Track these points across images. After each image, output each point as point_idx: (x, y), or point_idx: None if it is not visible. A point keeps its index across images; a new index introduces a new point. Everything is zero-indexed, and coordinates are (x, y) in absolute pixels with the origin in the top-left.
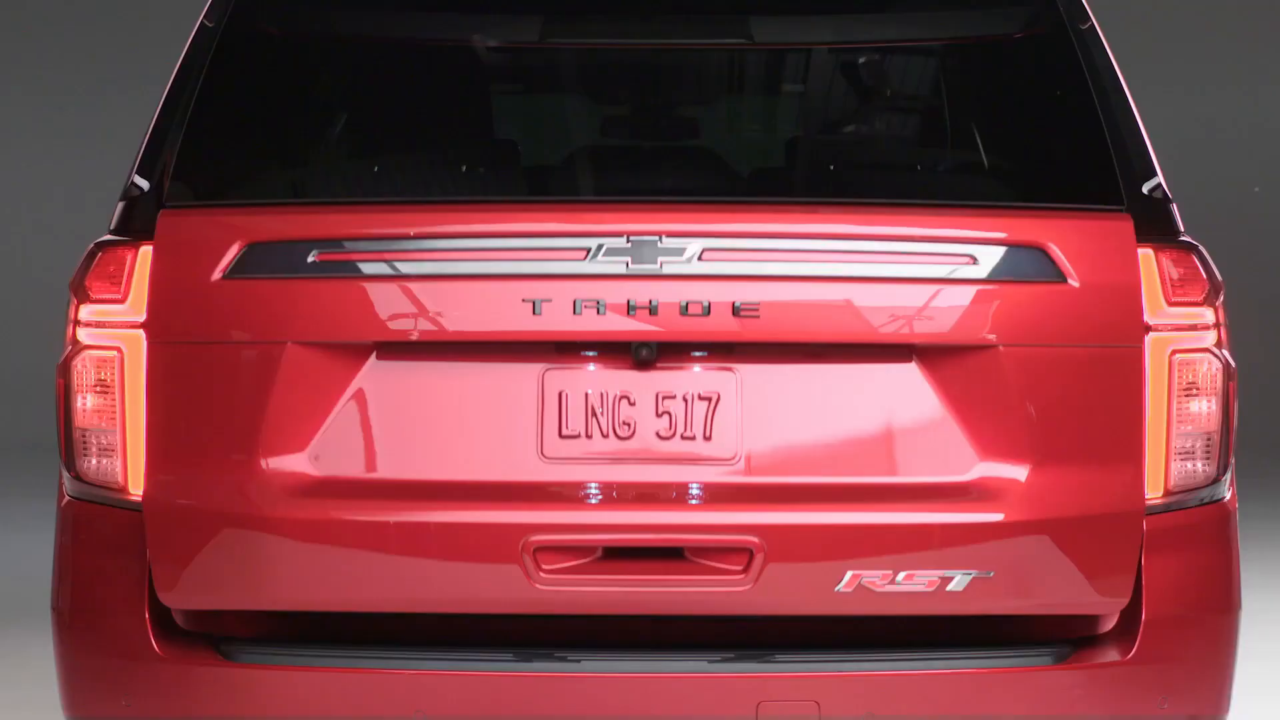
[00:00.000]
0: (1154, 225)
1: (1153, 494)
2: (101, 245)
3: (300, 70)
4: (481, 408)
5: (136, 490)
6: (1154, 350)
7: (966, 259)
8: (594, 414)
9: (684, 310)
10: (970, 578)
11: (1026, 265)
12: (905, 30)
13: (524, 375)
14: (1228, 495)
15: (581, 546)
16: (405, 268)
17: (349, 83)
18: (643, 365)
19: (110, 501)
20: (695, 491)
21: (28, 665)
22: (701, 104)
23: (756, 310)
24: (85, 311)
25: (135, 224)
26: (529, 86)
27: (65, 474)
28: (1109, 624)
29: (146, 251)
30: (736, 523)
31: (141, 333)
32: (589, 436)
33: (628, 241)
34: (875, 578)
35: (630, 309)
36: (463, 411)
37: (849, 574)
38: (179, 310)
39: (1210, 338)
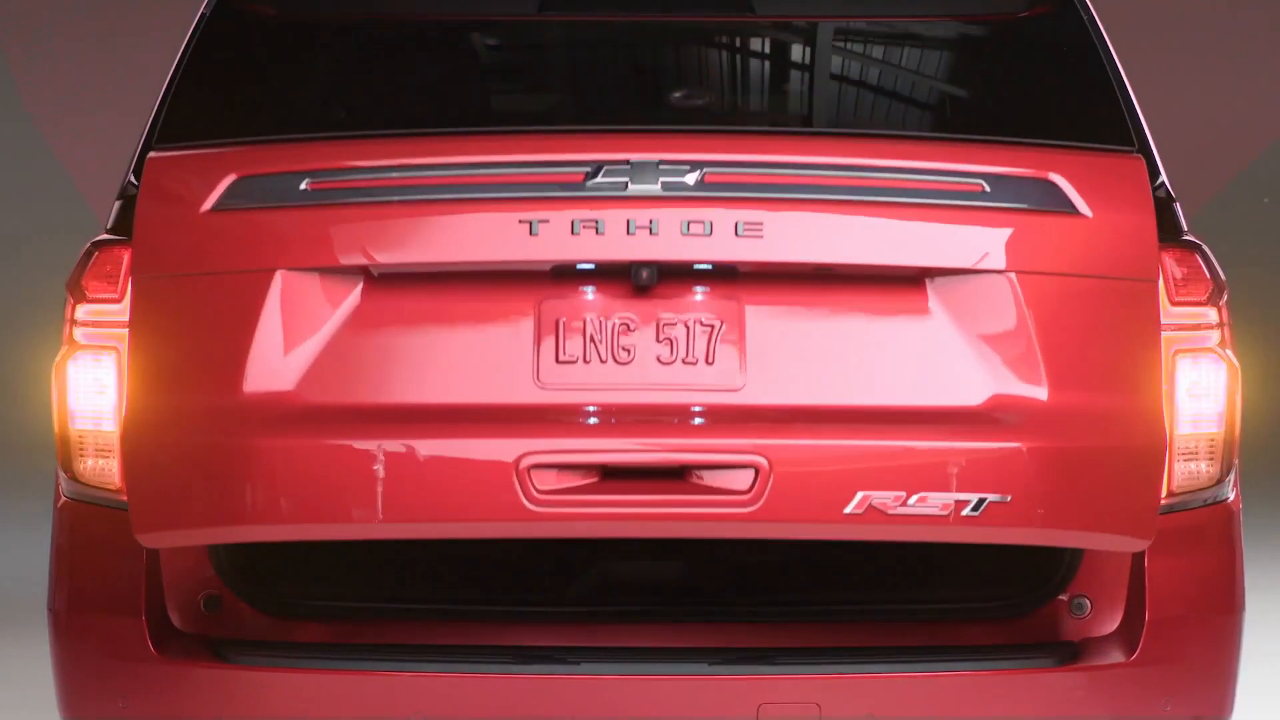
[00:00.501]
0: (1157, 224)
1: None
2: (98, 245)
3: (292, 47)
4: (476, 334)
5: None
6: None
7: (976, 186)
8: (592, 341)
9: (685, 230)
10: (986, 502)
11: (1038, 195)
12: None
13: (519, 301)
14: (1231, 496)
15: (577, 465)
16: (399, 194)
17: (340, 59)
18: (643, 290)
19: (107, 502)
20: (697, 413)
21: (27, 666)
22: (704, 83)
23: (760, 231)
24: (82, 311)
25: (132, 223)
26: (524, 61)
27: (61, 475)
28: (1112, 625)
29: None
30: (741, 442)
31: None
32: (586, 362)
33: (628, 164)
34: (887, 499)
35: (630, 229)
36: (456, 337)
37: (859, 495)
38: (164, 244)
39: (1214, 337)
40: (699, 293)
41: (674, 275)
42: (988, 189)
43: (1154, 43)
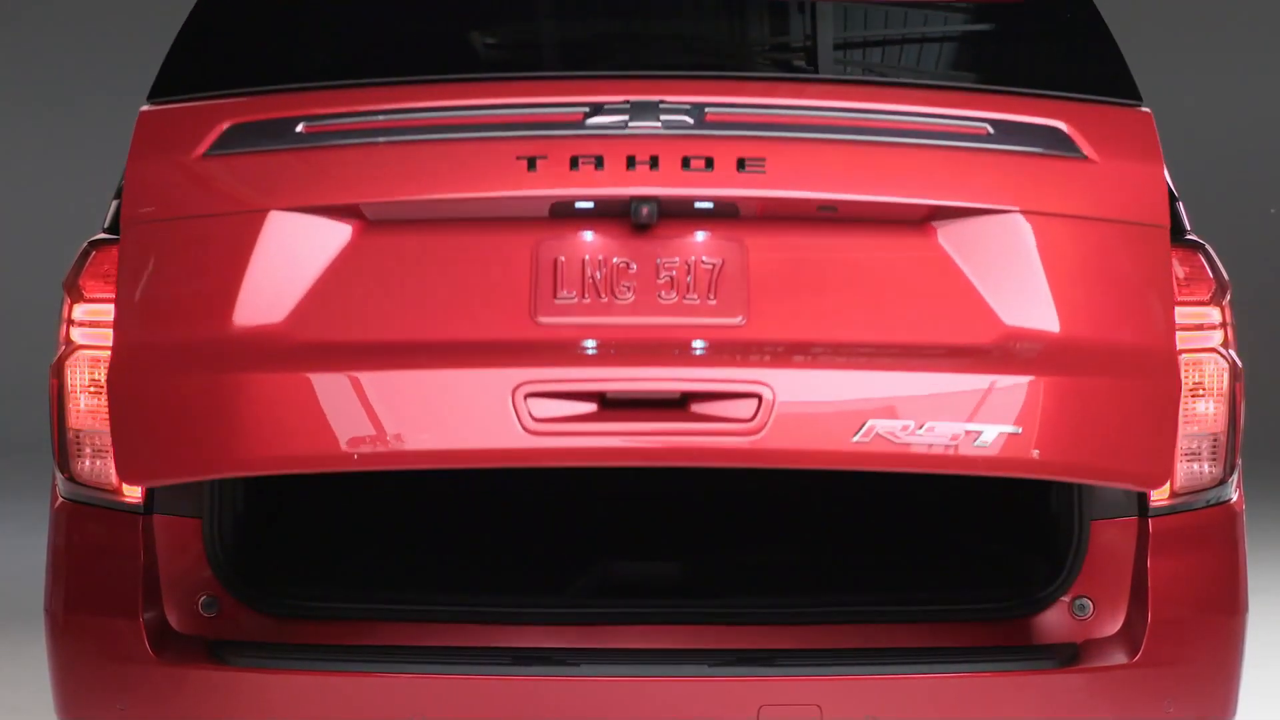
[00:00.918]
0: None
1: (1158, 496)
2: (95, 244)
3: (286, 17)
4: (471, 274)
5: (131, 492)
6: None
7: (982, 129)
8: (591, 280)
9: (686, 166)
10: (996, 434)
11: (1047, 140)
12: None
13: (517, 241)
14: (1234, 497)
15: (574, 394)
16: (396, 135)
17: (333, 8)
18: (642, 229)
19: (104, 503)
20: (699, 345)
21: (24, 667)
22: (710, 30)
23: (763, 167)
24: (79, 311)
25: None
26: (522, 6)
27: (58, 475)
28: (1114, 626)
29: None
30: (744, 372)
31: None
32: (584, 299)
33: (628, 104)
34: (894, 428)
35: (630, 165)
36: (452, 277)
37: (867, 423)
38: (154, 192)
39: (1216, 337)
40: (700, 233)
41: (674, 215)
42: (996, 133)
43: (1153, 43)
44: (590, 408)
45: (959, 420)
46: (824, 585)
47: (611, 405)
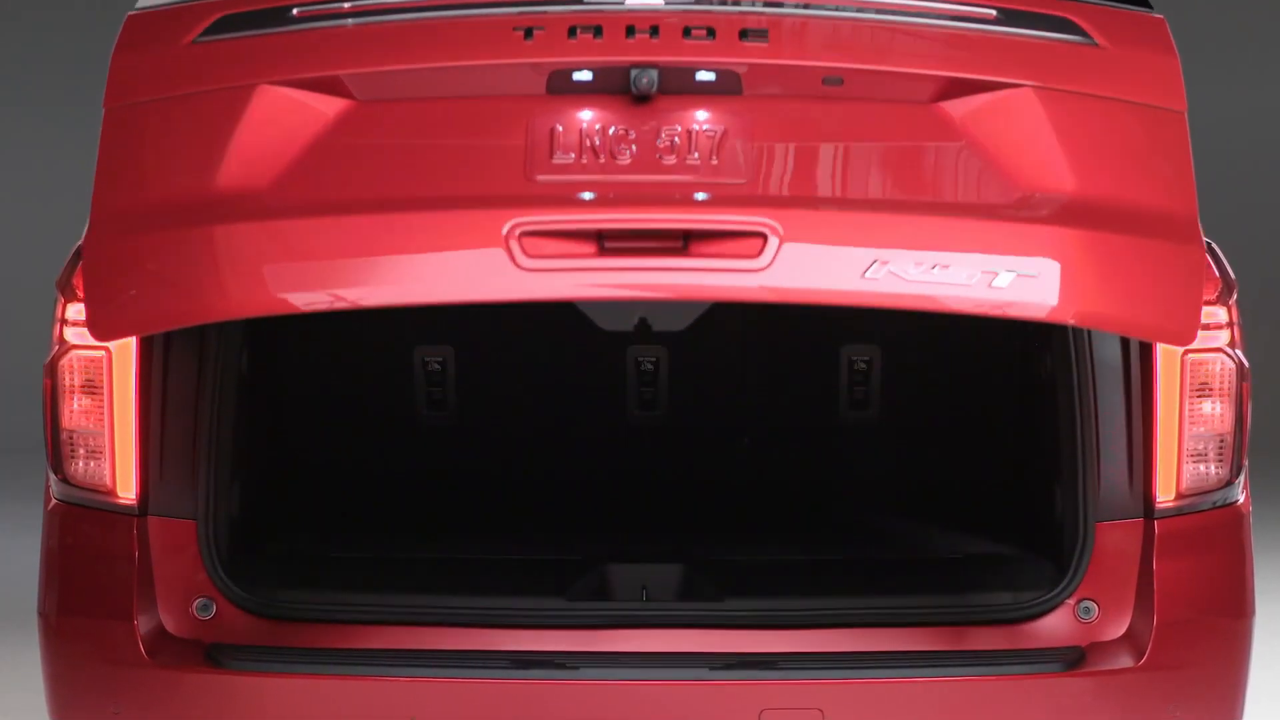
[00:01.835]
0: None
1: (1164, 497)
2: None
3: None
4: (465, 143)
5: (125, 493)
6: (1165, 350)
7: (990, 14)
8: (589, 145)
9: (687, 34)
10: (1014, 275)
11: (1057, 26)
12: None
13: (512, 114)
14: (1241, 498)
15: (569, 232)
16: (390, 15)
17: None
18: (643, 98)
19: (98, 505)
20: (702, 195)
21: (16, 670)
22: None
23: (766, 38)
24: (73, 310)
25: None
26: None
27: (52, 477)
28: (1119, 630)
29: None
30: (749, 214)
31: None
32: (581, 158)
33: None
34: (907, 265)
35: (630, 34)
36: (445, 148)
37: (877, 260)
38: (138, 78)
39: (1223, 337)
40: (701, 109)
41: (675, 89)
42: (1008, 18)
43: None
44: (587, 248)
45: (974, 260)
46: (826, 588)
47: (609, 247)
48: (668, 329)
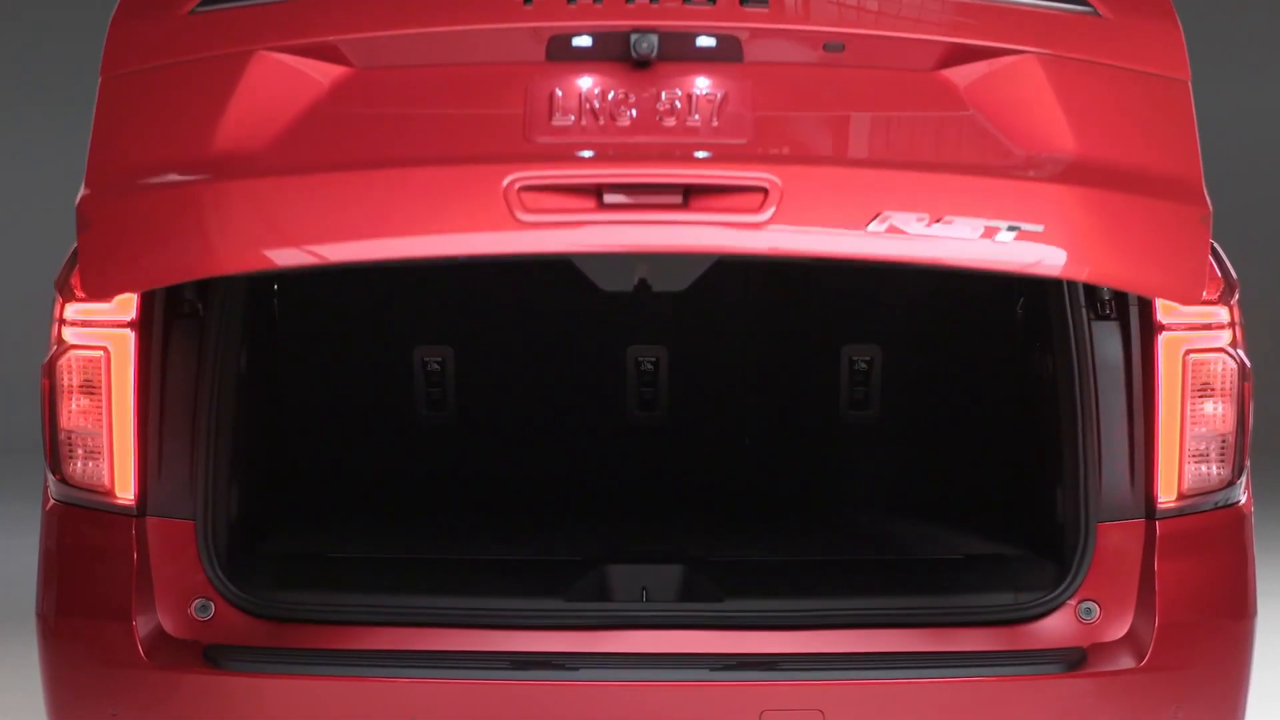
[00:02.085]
0: None
1: (1165, 498)
2: None
3: None
4: (467, 108)
5: (124, 494)
6: (1167, 350)
7: None
8: (589, 107)
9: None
10: (1018, 230)
11: None
12: None
13: (510, 78)
14: (1243, 499)
15: (568, 186)
16: None
17: None
18: (643, 64)
19: (96, 505)
20: (703, 154)
21: (15, 672)
22: None
23: (767, 1)
24: (71, 310)
25: None
26: None
27: (50, 477)
28: (1121, 630)
29: None
30: (750, 170)
31: (129, 332)
32: (581, 120)
33: None
34: (910, 219)
35: None
36: (445, 109)
37: (882, 212)
38: (134, 46)
39: (1225, 337)
40: (702, 72)
41: (675, 55)
42: None
43: None
44: (587, 203)
45: (978, 215)
46: (826, 588)
47: (609, 202)
48: (668, 289)
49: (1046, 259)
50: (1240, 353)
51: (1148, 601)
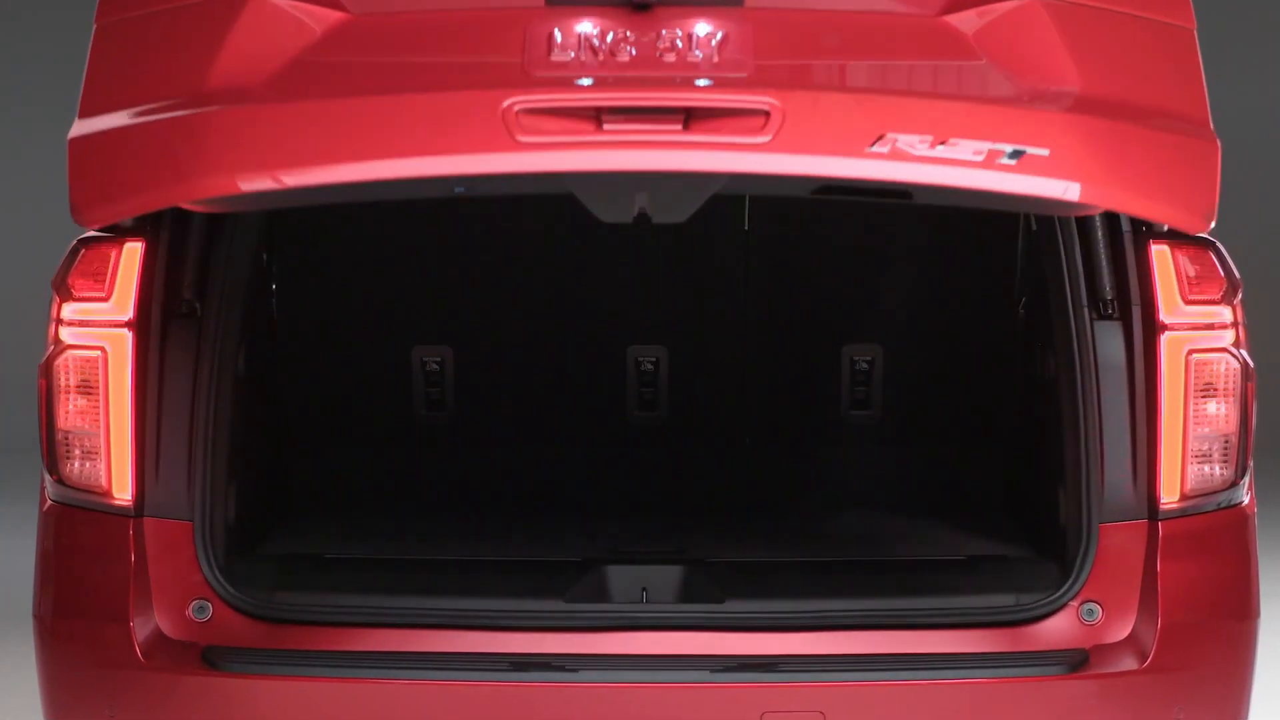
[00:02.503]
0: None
1: (1168, 498)
2: (85, 242)
3: None
4: (464, 54)
5: (121, 494)
6: (1169, 349)
7: None
8: (588, 45)
9: None
10: (1023, 154)
11: None
12: None
13: (510, 20)
14: (1246, 499)
15: (567, 109)
16: None
17: None
18: (643, 7)
19: (93, 506)
20: (703, 81)
21: (12, 672)
22: None
23: None
24: (68, 310)
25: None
26: None
27: (47, 477)
28: (1123, 632)
29: (131, 249)
30: (750, 95)
31: (126, 332)
32: (580, 55)
33: None
34: (913, 140)
35: None
36: (441, 55)
37: (884, 134)
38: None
39: (1228, 337)
40: (702, 17)
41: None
42: None
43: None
44: (586, 125)
45: (983, 138)
46: (827, 589)
47: (608, 125)
48: (668, 220)
49: (1053, 186)
50: (1243, 352)
51: (1150, 603)
